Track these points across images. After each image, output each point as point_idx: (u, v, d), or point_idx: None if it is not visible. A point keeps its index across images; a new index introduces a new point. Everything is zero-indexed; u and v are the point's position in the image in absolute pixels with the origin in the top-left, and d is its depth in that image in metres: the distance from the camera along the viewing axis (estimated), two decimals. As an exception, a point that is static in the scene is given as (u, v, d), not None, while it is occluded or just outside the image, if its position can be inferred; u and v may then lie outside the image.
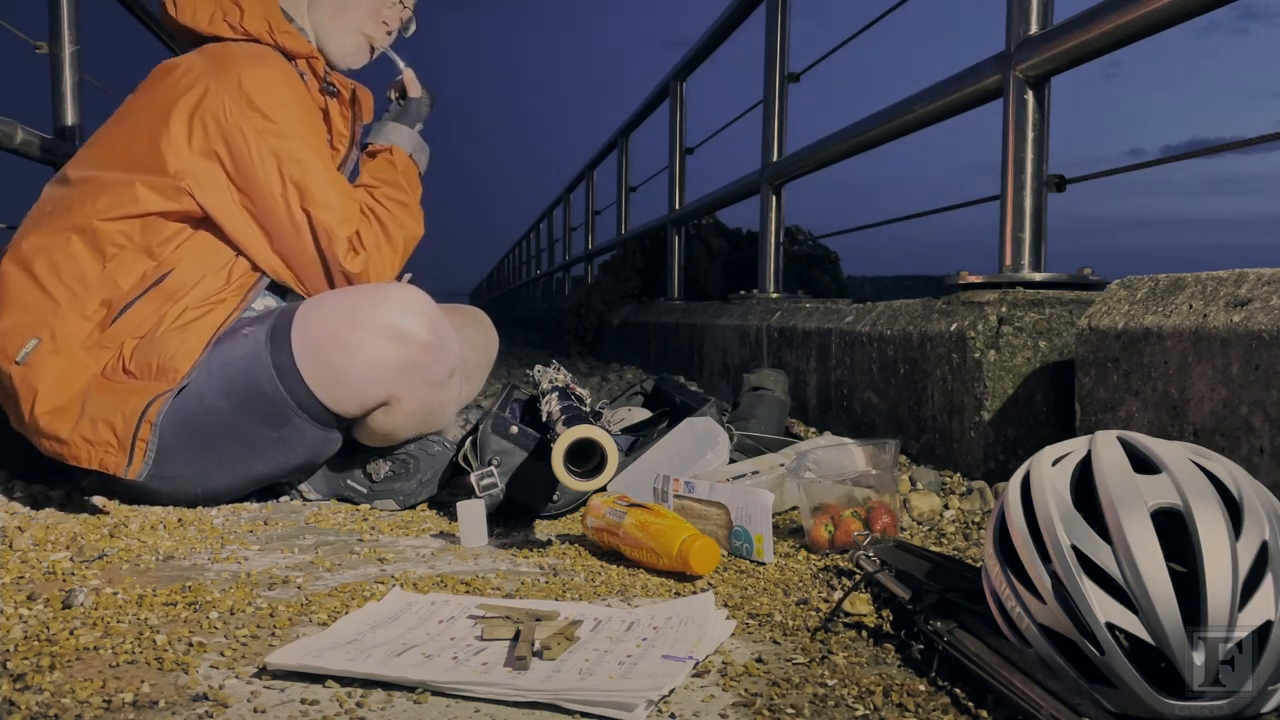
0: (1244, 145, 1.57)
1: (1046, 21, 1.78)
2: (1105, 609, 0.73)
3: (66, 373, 1.47)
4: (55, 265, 1.51)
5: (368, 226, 1.60)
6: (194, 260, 1.53)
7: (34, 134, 2.36)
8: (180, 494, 1.53)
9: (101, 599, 1.06)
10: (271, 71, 1.57)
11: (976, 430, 1.65)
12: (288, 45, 1.63)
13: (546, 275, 11.20)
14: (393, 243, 1.62)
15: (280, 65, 1.60)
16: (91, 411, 1.45)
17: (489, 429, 1.50)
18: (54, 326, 1.48)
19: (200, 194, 1.52)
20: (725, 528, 1.30)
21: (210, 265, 1.54)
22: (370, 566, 1.25)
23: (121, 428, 1.44)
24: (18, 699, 0.80)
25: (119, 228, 1.51)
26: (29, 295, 1.51)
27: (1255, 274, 1.23)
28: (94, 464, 1.45)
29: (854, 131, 2.57)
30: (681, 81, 4.52)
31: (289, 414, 1.50)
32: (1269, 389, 1.13)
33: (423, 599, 1.06)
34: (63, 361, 1.47)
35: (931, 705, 0.80)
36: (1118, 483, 0.79)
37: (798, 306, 2.74)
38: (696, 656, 0.88)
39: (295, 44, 1.64)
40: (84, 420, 1.45)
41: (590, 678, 0.83)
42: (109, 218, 1.50)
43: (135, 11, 3.44)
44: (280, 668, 0.86)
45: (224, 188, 1.53)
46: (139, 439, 1.44)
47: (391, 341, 1.50)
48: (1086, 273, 1.77)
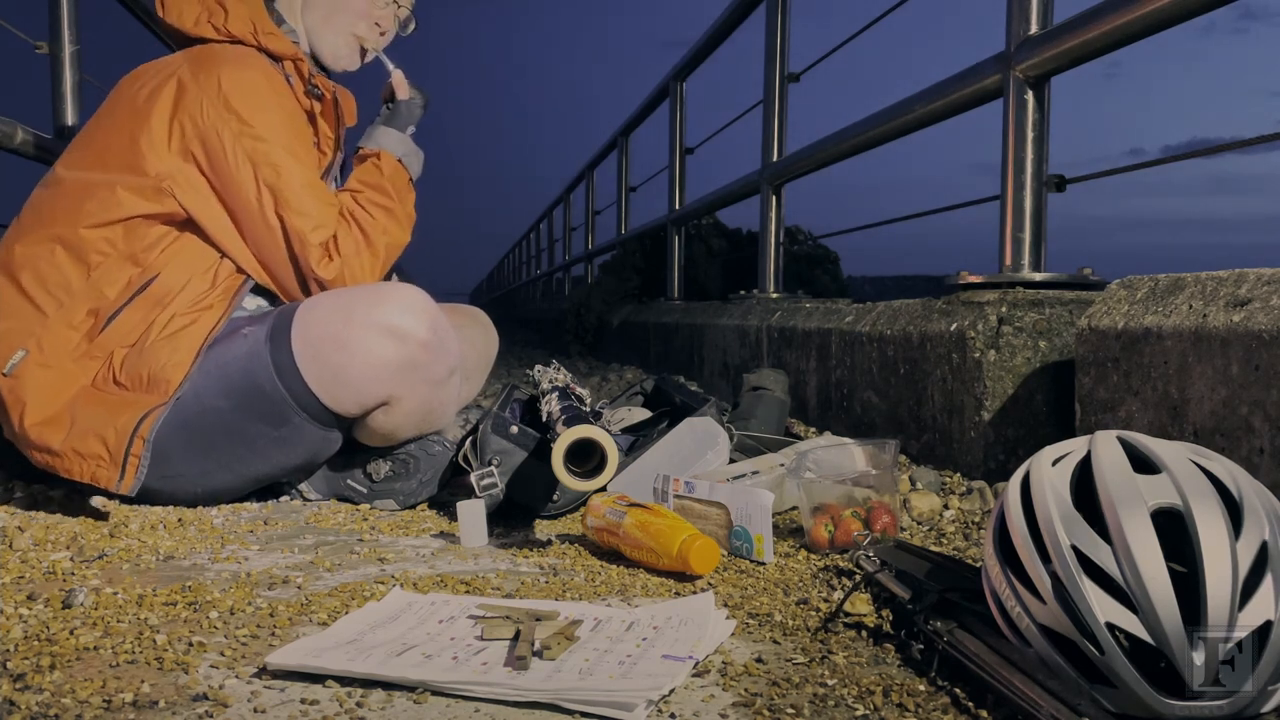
0: (1244, 145, 1.57)
1: (1046, 21, 1.78)
2: (1105, 609, 0.73)
3: (55, 384, 1.47)
4: (40, 275, 1.50)
5: (346, 231, 1.59)
6: (179, 264, 1.53)
7: (34, 134, 2.36)
8: (180, 494, 1.53)
9: (101, 599, 1.06)
10: (253, 74, 1.56)
11: (976, 430, 1.65)
12: (272, 47, 1.62)
13: (546, 275, 11.20)
14: (373, 249, 1.61)
15: (262, 67, 1.59)
16: (82, 424, 1.45)
17: (489, 429, 1.50)
18: (41, 337, 1.48)
19: (181, 195, 1.51)
20: (725, 528, 1.30)
21: (196, 268, 1.54)
22: (370, 566, 1.25)
23: (114, 442, 1.44)
24: (18, 699, 0.80)
25: (102, 234, 1.50)
26: (15, 305, 1.50)
27: (1255, 274, 1.23)
28: (86, 477, 1.45)
29: (854, 131, 2.57)
30: (681, 81, 4.52)
31: (289, 413, 1.50)
32: (1269, 389, 1.13)
33: (423, 599, 1.06)
34: (51, 374, 1.47)
35: (931, 705, 0.80)
36: (1118, 483, 0.79)
37: (798, 306, 2.74)
38: (696, 656, 0.88)
39: (280, 46, 1.64)
40: (75, 433, 1.44)
41: (590, 678, 0.83)
42: (92, 225, 1.50)
43: (135, 11, 3.43)
44: (280, 667, 0.86)
45: (204, 189, 1.53)
46: (131, 454, 1.43)
47: (391, 340, 1.50)
48: (1086, 273, 1.77)
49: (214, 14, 1.61)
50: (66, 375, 1.48)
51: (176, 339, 1.49)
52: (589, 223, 7.58)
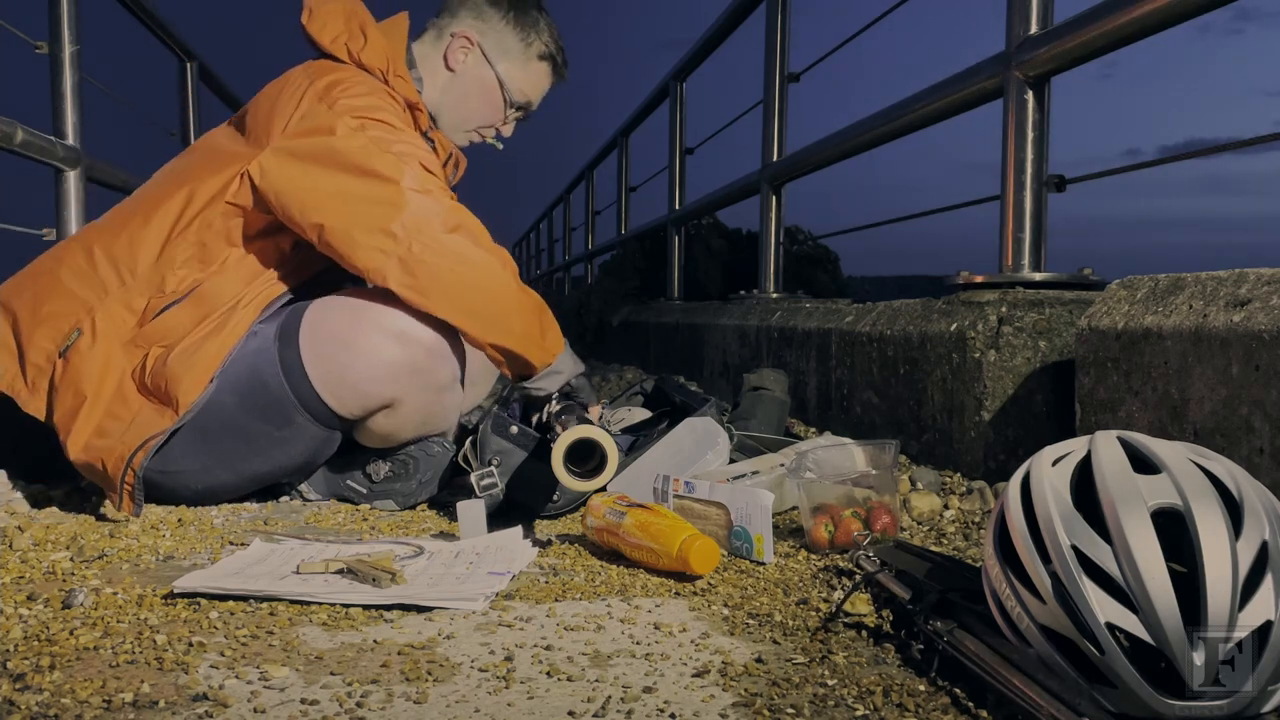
0: (1244, 145, 1.57)
1: (1046, 21, 1.78)
2: (1105, 609, 0.73)
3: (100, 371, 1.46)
4: (112, 253, 1.51)
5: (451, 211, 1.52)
6: (234, 275, 1.53)
7: (34, 134, 2.36)
8: (181, 489, 1.53)
9: (101, 599, 1.06)
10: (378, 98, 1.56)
11: (976, 430, 1.65)
12: (399, 89, 1.62)
13: (546, 275, 11.20)
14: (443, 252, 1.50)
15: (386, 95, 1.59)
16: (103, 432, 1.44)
17: (489, 429, 1.50)
18: (96, 314, 1.48)
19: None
20: (725, 528, 1.30)
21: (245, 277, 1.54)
22: (370, 566, 1.25)
23: (112, 467, 1.43)
24: (18, 699, 0.80)
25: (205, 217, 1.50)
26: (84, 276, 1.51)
27: (1255, 274, 1.23)
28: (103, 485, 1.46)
29: (854, 131, 2.57)
30: (681, 81, 4.52)
31: (292, 413, 1.50)
32: (1269, 389, 1.13)
33: (282, 547, 1.29)
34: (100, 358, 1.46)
35: (931, 705, 0.80)
36: (1118, 483, 0.79)
37: (798, 306, 2.75)
38: (513, 570, 1.18)
39: (406, 91, 1.63)
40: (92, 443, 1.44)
41: (437, 587, 1.10)
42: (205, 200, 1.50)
43: (135, 11, 3.44)
44: (187, 590, 1.07)
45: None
46: (125, 482, 1.43)
47: (396, 343, 1.50)
48: (1086, 273, 1.77)
49: (353, 38, 1.61)
50: (114, 362, 1.47)
51: (195, 358, 1.47)
52: (589, 223, 7.59)
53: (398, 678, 0.86)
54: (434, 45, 1.75)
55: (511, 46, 1.76)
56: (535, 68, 1.78)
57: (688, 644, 0.96)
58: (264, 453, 1.53)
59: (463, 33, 1.73)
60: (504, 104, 1.78)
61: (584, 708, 0.80)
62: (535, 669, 0.89)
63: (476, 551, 1.27)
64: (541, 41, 1.77)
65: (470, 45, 1.74)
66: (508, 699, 0.82)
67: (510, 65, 1.76)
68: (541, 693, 0.83)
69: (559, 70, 1.81)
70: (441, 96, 1.75)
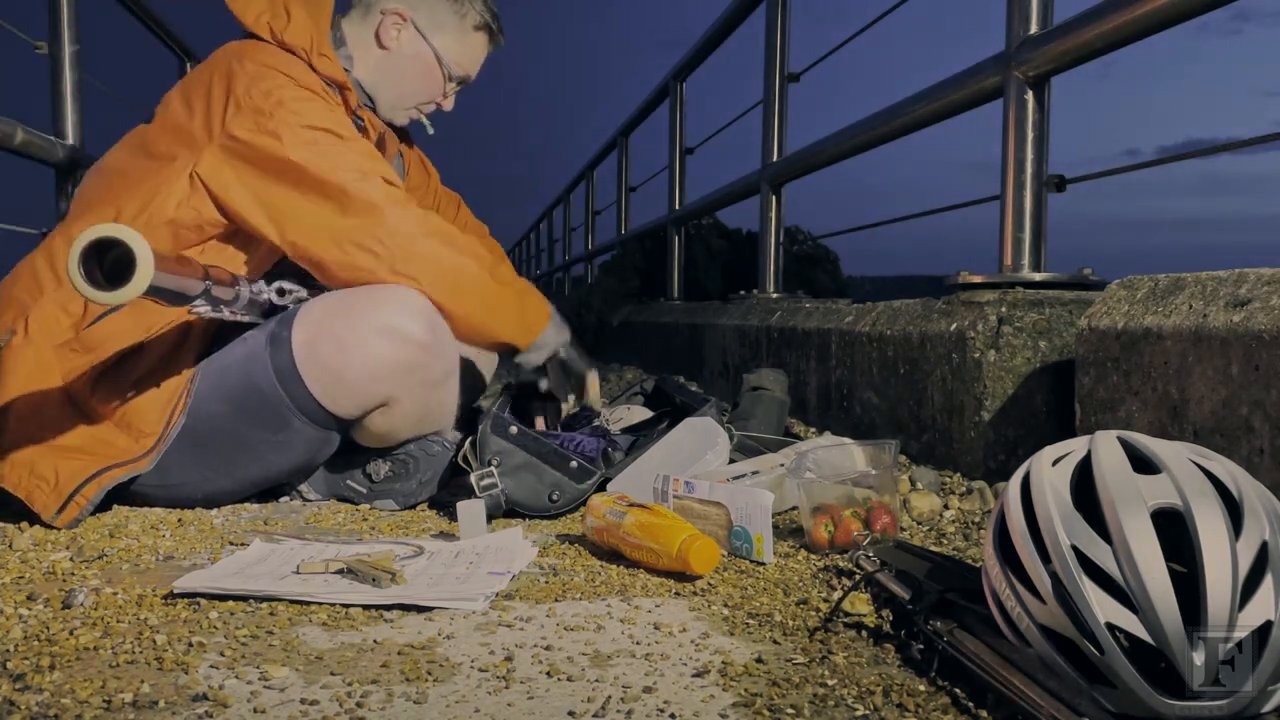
0: (1243, 145, 1.57)
1: (1046, 21, 1.78)
2: (1105, 609, 0.73)
3: (30, 369, 1.41)
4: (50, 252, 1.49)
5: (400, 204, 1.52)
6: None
7: (34, 134, 2.36)
8: (180, 500, 1.53)
9: (101, 599, 1.06)
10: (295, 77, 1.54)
11: (976, 430, 1.65)
12: (321, 68, 1.57)
13: (546, 275, 11.20)
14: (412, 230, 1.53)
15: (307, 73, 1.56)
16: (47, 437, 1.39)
17: (489, 429, 1.50)
18: (30, 313, 1.44)
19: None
20: (725, 528, 1.30)
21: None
22: (370, 566, 1.25)
23: (65, 476, 1.37)
24: (18, 699, 0.80)
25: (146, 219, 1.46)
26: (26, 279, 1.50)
27: (1255, 274, 1.23)
28: (20, 492, 1.38)
29: (854, 131, 2.57)
30: (681, 81, 4.52)
31: (289, 416, 1.49)
32: (1269, 389, 1.13)
33: (281, 547, 1.29)
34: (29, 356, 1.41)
35: (931, 705, 0.80)
36: (1118, 483, 0.79)
37: (798, 306, 2.74)
38: (513, 570, 1.18)
39: (330, 70, 1.58)
40: (34, 440, 1.39)
41: (437, 588, 1.10)
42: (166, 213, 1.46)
43: (135, 11, 3.44)
44: (187, 590, 1.07)
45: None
46: (80, 495, 1.37)
47: (389, 341, 1.49)
48: (1086, 273, 1.77)
49: (276, 16, 1.57)
50: (44, 363, 1.41)
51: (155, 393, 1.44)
52: (589, 223, 7.58)
53: (398, 678, 0.86)
54: (363, 22, 1.71)
55: (446, 20, 1.72)
56: (472, 39, 1.75)
57: (688, 644, 0.96)
58: (262, 458, 1.53)
59: (393, 9, 1.69)
60: (444, 79, 1.75)
61: (584, 708, 0.80)
62: (535, 669, 0.89)
63: (476, 551, 1.27)
64: (475, 11, 1.73)
65: (403, 21, 1.70)
66: (508, 699, 0.82)
67: (446, 39, 1.72)
68: (541, 693, 0.83)
69: (495, 38, 1.78)
70: (376, 75, 1.71)
